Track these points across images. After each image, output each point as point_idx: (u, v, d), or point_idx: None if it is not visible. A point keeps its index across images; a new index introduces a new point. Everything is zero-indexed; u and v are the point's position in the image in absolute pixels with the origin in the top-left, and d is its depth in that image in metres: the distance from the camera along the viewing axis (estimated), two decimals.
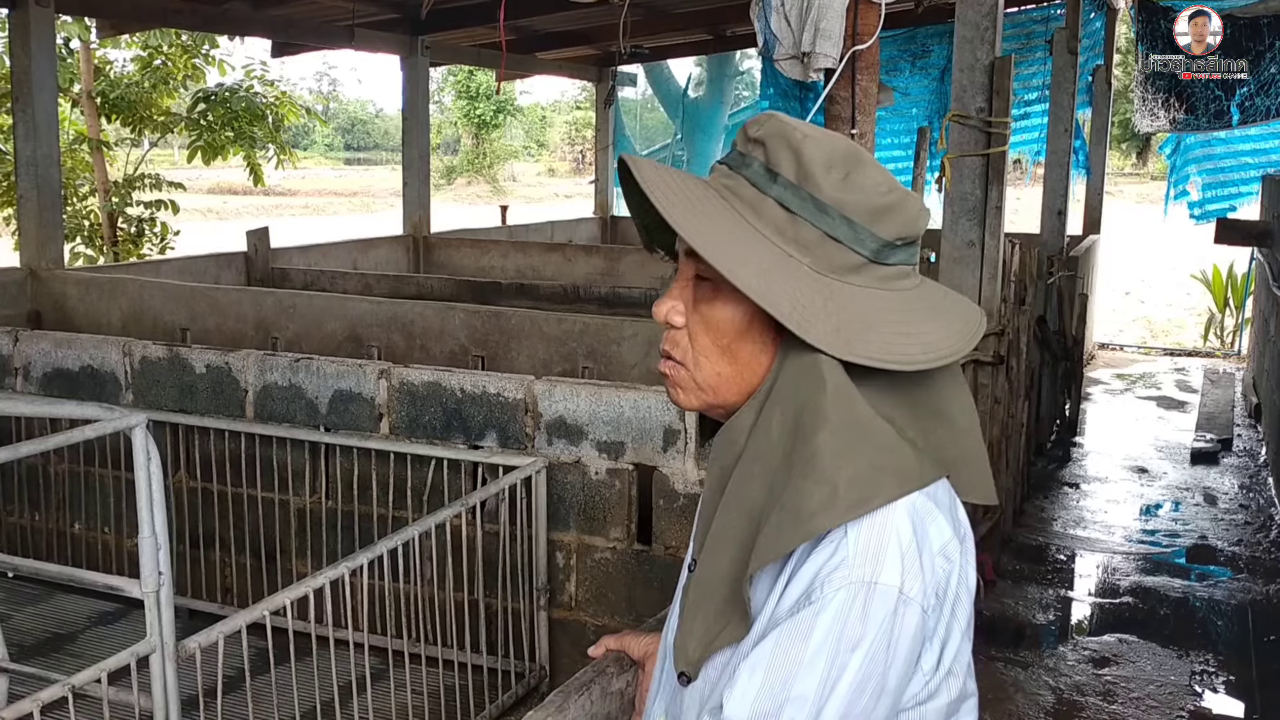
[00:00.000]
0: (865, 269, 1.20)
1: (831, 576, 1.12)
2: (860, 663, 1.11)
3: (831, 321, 1.17)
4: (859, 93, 3.95)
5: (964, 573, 1.21)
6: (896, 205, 1.21)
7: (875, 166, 1.22)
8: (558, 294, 7.33)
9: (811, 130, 1.22)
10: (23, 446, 2.82)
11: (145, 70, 11.66)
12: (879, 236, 1.20)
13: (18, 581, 5.09)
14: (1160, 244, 21.53)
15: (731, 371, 1.26)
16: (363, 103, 65.43)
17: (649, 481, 4.28)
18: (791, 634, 1.12)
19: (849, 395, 1.16)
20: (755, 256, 1.18)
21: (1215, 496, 7.19)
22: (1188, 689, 4.67)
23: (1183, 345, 13.25)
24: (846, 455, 1.13)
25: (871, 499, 1.12)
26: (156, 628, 2.95)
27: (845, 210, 1.19)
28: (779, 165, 1.21)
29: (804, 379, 1.18)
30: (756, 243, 1.20)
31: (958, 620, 1.20)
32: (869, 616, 1.11)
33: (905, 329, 1.19)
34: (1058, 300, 8.13)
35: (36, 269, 7.26)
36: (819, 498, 1.11)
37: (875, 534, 1.13)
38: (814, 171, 1.19)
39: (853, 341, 1.17)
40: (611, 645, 1.83)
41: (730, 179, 1.24)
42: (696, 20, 11.10)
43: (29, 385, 5.33)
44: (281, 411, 4.79)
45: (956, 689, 1.22)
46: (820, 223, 1.19)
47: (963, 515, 1.25)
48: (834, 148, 1.21)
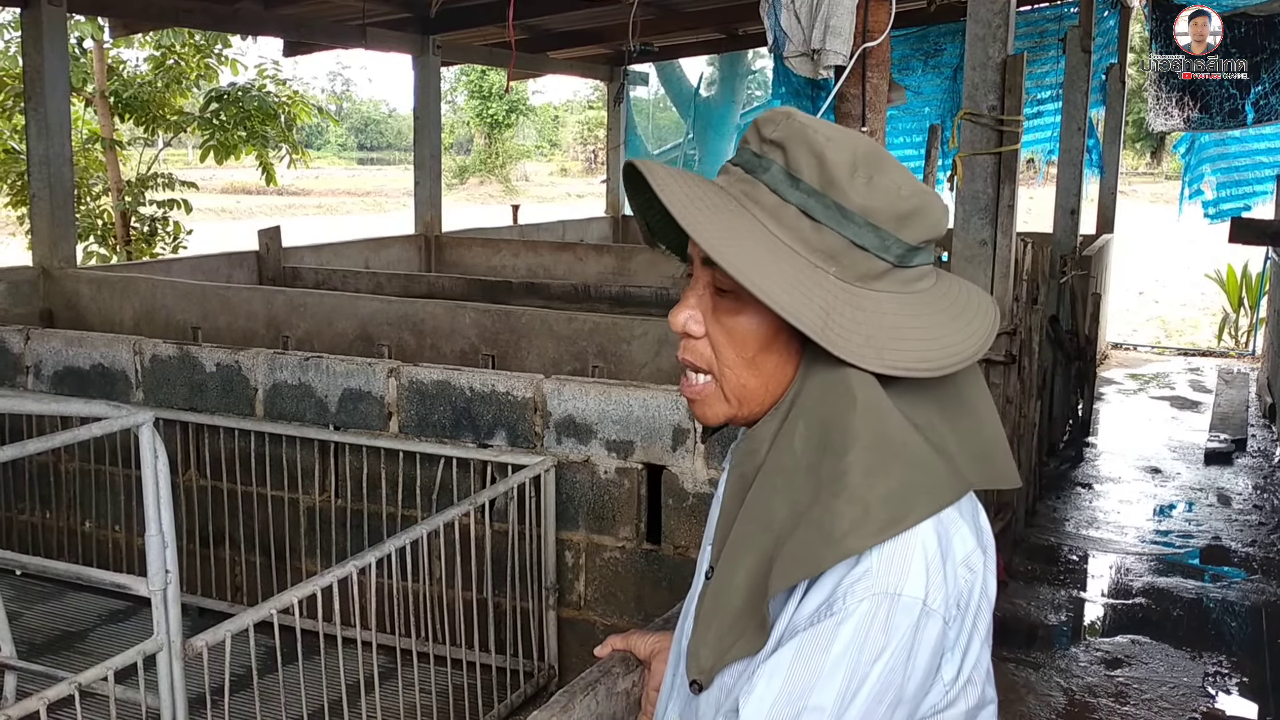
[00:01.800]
0: (890, 274, 1.18)
1: (855, 587, 1.10)
2: (880, 674, 1.09)
3: (862, 332, 1.14)
4: (870, 90, 3.93)
5: (986, 582, 1.19)
6: (922, 209, 1.18)
7: (896, 167, 1.19)
8: (568, 293, 7.32)
9: (832, 131, 1.18)
10: (30, 444, 2.82)
11: (158, 70, 11.69)
12: (904, 241, 1.18)
13: (28, 579, 5.11)
14: (1175, 243, 21.45)
15: (757, 384, 1.23)
16: (375, 102, 65.63)
17: (658, 481, 4.27)
18: (813, 643, 1.10)
19: (879, 410, 1.13)
20: (781, 271, 1.15)
21: (1229, 497, 7.14)
22: (1201, 690, 4.64)
23: (1197, 345, 13.19)
24: (879, 474, 1.10)
25: (905, 518, 1.10)
26: (163, 626, 2.95)
27: (871, 217, 1.16)
28: (800, 170, 1.17)
29: (831, 393, 1.15)
30: (781, 254, 1.16)
31: (978, 630, 1.18)
32: (891, 628, 1.09)
33: (930, 333, 1.17)
34: (1070, 300, 8.09)
35: (49, 268, 7.28)
36: (851, 517, 1.09)
37: (900, 545, 1.11)
38: (838, 177, 1.15)
39: (884, 351, 1.14)
40: (617, 645, 1.82)
41: (748, 184, 1.20)
42: (708, 19, 11.08)
43: (40, 383, 5.34)
44: (291, 410, 4.79)
45: (975, 696, 1.20)
46: (846, 230, 1.16)
47: (985, 522, 1.24)
48: (856, 149, 1.17)
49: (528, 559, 4.28)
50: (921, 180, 5.13)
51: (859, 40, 3.83)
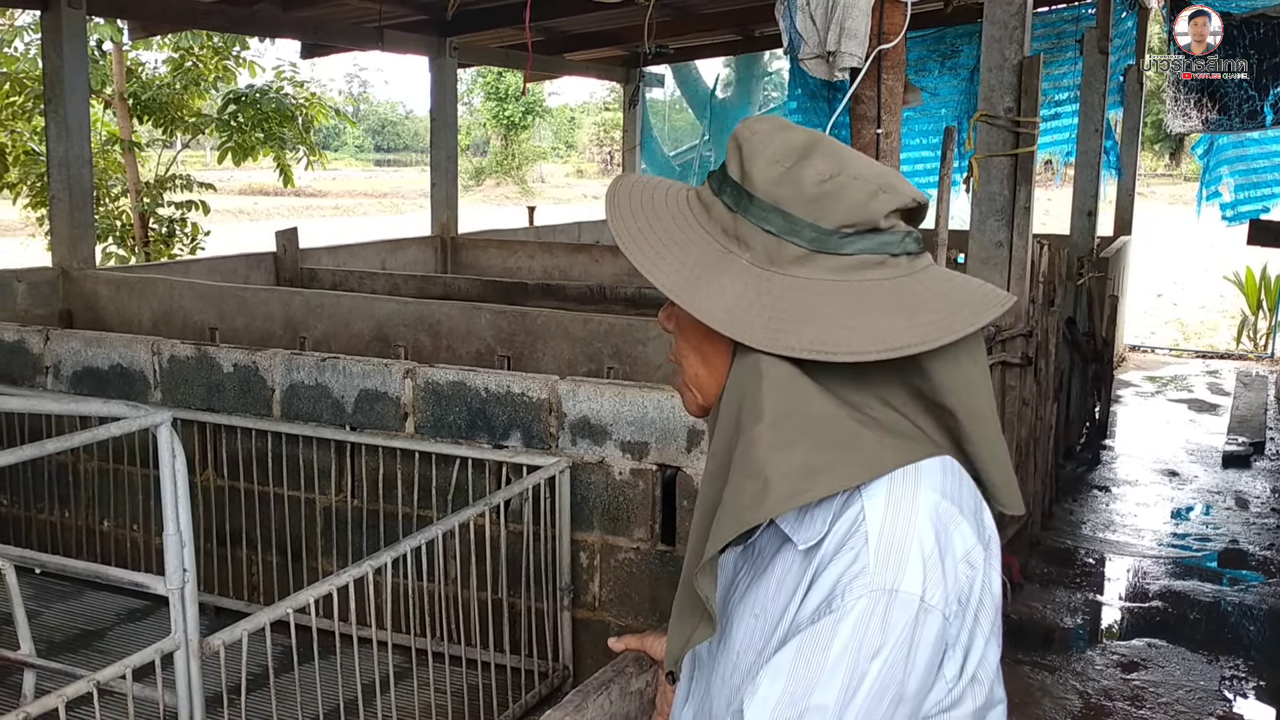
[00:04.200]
0: (811, 260, 1.18)
1: (852, 584, 1.11)
2: (880, 670, 1.10)
3: (764, 315, 1.16)
4: (884, 92, 3.93)
5: (988, 578, 1.19)
6: (835, 193, 1.17)
7: (827, 157, 1.18)
8: (584, 294, 7.33)
9: (768, 127, 1.21)
10: (49, 444, 2.84)
11: (176, 72, 11.75)
12: (818, 226, 1.17)
13: (48, 578, 5.14)
14: (1193, 245, 21.34)
15: (705, 372, 1.28)
16: (393, 104, 65.81)
17: (673, 482, 4.27)
18: (813, 642, 1.11)
19: (790, 389, 1.15)
20: (684, 256, 1.20)
21: (1247, 500, 7.11)
22: (1217, 694, 4.62)
23: (1215, 347, 13.12)
24: (780, 449, 1.12)
25: (807, 491, 1.11)
26: (181, 625, 2.97)
27: (779, 203, 1.18)
28: (728, 165, 1.23)
29: (746, 374, 1.18)
30: (693, 242, 1.22)
31: (981, 627, 1.18)
32: (889, 624, 1.10)
33: (852, 320, 1.15)
34: (1088, 302, 8.07)
35: (68, 269, 7.33)
36: (750, 491, 1.12)
37: (897, 540, 1.12)
38: (750, 168, 1.19)
39: (783, 333, 1.15)
40: (633, 645, 1.82)
41: (702, 186, 1.27)
42: (724, 21, 11.08)
43: (59, 384, 5.37)
44: (308, 410, 4.81)
45: (983, 695, 1.20)
46: (757, 218, 1.19)
47: (988, 519, 1.23)
48: (786, 142, 1.19)
49: (542, 560, 4.29)
50: (937, 182, 5.06)
51: (874, 43, 3.83)
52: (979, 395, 1.22)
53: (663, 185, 1.30)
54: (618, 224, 1.24)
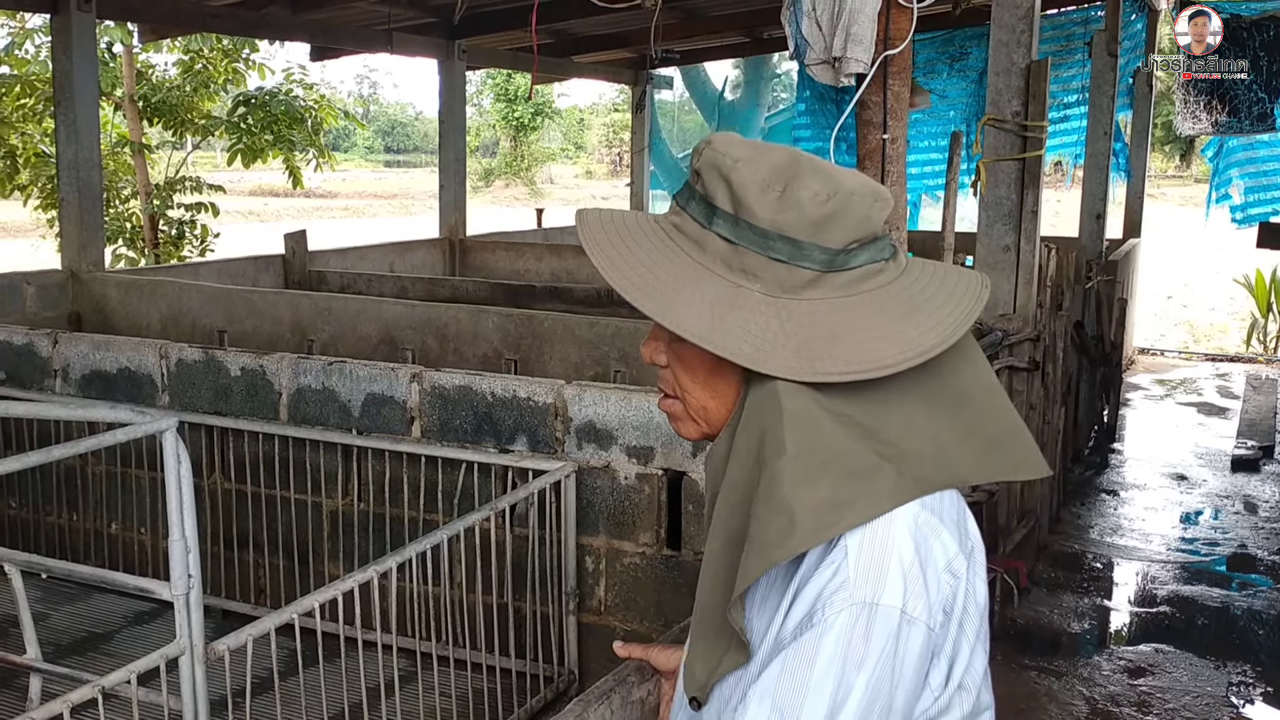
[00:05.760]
0: (822, 281, 1.18)
1: (833, 598, 1.12)
2: (865, 682, 1.10)
3: (791, 344, 1.15)
4: (891, 97, 3.93)
5: (972, 587, 1.19)
6: (838, 211, 1.17)
7: (817, 174, 1.18)
8: (591, 297, 7.33)
9: (743, 151, 1.20)
10: (55, 450, 2.85)
11: (186, 74, 11.80)
12: (827, 247, 1.17)
13: (55, 581, 5.16)
14: (1203, 247, 21.28)
15: (714, 404, 1.27)
16: (402, 105, 65.84)
17: (679, 486, 4.27)
18: (796, 658, 1.12)
19: (808, 421, 1.14)
20: (698, 298, 1.18)
21: (1256, 504, 7.08)
22: (1225, 700, 4.60)
23: (1225, 350, 13.08)
24: (804, 484, 1.11)
25: (832, 526, 1.11)
26: (186, 630, 2.97)
27: (785, 230, 1.17)
28: (714, 197, 1.20)
29: (764, 406, 1.17)
30: (701, 282, 1.19)
31: (966, 635, 1.19)
32: (871, 637, 1.10)
33: (877, 332, 1.16)
34: (1096, 305, 8.04)
35: (78, 271, 7.36)
36: (776, 528, 1.11)
37: (876, 554, 1.12)
38: (746, 198, 1.17)
39: (816, 360, 1.15)
40: (637, 654, 1.82)
41: (678, 216, 1.24)
42: (732, 23, 11.08)
43: (68, 387, 5.39)
44: (315, 414, 4.82)
45: (970, 703, 1.21)
46: (762, 248, 1.17)
47: (972, 527, 1.24)
48: (771, 165, 1.18)
49: (548, 564, 4.29)
50: (944, 186, 5.06)
51: (880, 48, 3.83)
52: (982, 369, 1.24)
53: (629, 219, 1.27)
54: (615, 275, 1.21)
